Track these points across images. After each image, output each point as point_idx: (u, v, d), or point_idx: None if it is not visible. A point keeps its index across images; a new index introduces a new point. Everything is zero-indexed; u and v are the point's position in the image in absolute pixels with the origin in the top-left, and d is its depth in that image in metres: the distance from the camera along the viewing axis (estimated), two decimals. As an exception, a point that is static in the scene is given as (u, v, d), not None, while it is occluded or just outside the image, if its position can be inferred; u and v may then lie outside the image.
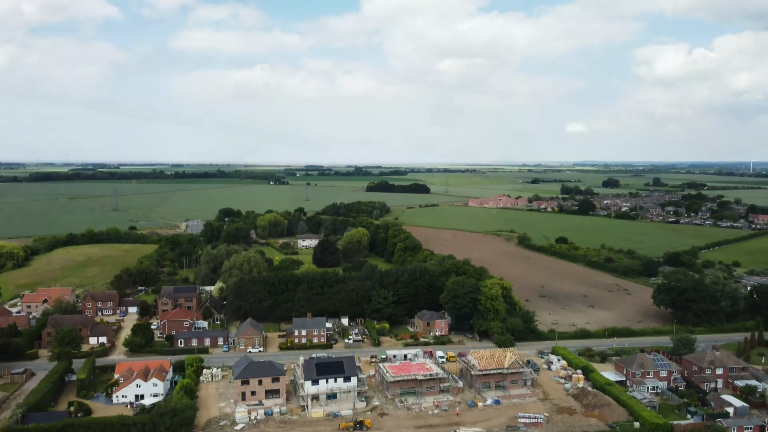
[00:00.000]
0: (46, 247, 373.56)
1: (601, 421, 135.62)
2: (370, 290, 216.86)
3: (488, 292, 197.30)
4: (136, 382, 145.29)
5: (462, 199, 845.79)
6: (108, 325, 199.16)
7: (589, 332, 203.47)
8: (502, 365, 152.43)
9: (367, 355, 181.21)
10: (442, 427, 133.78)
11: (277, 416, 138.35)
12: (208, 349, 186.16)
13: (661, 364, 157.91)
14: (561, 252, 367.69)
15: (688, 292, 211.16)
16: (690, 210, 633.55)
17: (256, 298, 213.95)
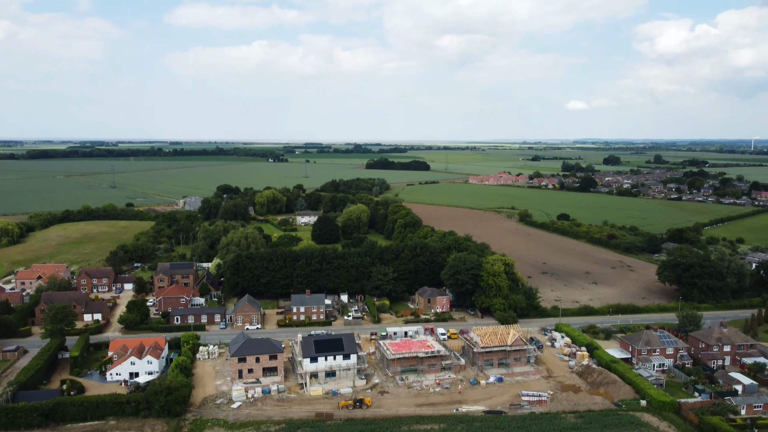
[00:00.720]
0: (42, 223, 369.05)
1: (606, 399, 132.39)
2: (370, 266, 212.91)
3: (490, 268, 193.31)
4: (131, 360, 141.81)
5: (462, 176, 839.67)
6: (103, 302, 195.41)
7: (592, 309, 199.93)
8: (505, 342, 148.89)
9: (366, 332, 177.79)
10: (443, 406, 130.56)
11: (275, 394, 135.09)
12: (204, 327, 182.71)
13: (668, 341, 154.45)
14: (563, 229, 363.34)
15: (694, 268, 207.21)
16: (692, 187, 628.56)
17: (253, 275, 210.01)
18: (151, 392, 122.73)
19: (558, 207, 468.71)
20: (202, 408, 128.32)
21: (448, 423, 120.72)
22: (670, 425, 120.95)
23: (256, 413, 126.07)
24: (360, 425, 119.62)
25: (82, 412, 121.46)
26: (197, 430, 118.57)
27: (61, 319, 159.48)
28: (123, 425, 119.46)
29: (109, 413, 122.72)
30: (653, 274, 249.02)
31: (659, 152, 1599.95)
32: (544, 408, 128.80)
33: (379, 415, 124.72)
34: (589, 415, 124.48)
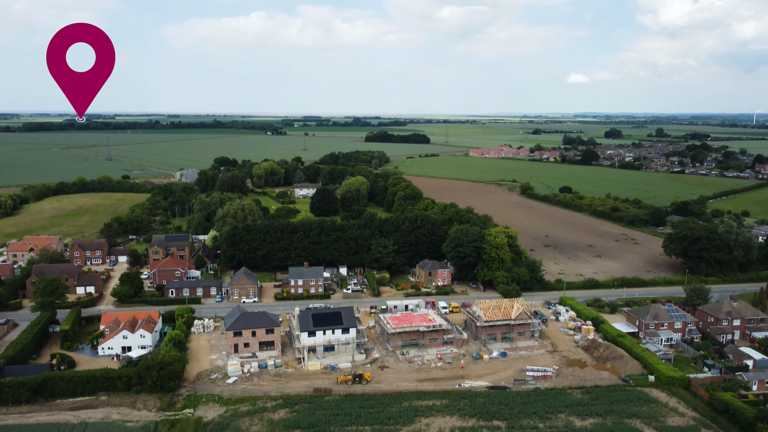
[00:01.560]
0: (36, 195, 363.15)
1: (613, 374, 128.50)
2: (370, 239, 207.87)
3: (493, 240, 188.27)
4: (123, 334, 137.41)
5: (462, 149, 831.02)
6: (96, 275, 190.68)
7: (597, 282, 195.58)
8: (508, 316, 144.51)
9: (366, 305, 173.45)
10: (445, 381, 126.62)
11: (272, 369, 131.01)
12: (200, 300, 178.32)
13: (676, 315, 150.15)
14: (565, 201, 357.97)
15: (701, 241, 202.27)
16: (695, 160, 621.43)
17: (250, 247, 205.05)
18: (143, 367, 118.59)
19: (560, 180, 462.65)
20: (197, 383, 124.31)
21: (451, 399, 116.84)
22: (680, 401, 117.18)
23: (252, 388, 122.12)
24: (359, 401, 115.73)
25: (71, 387, 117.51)
26: (191, 405, 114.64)
27: (51, 291, 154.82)
28: (114, 401, 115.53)
29: (100, 388, 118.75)
30: (658, 247, 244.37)
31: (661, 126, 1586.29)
32: (549, 383, 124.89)
33: (379, 391, 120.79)
34: (595, 391, 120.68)
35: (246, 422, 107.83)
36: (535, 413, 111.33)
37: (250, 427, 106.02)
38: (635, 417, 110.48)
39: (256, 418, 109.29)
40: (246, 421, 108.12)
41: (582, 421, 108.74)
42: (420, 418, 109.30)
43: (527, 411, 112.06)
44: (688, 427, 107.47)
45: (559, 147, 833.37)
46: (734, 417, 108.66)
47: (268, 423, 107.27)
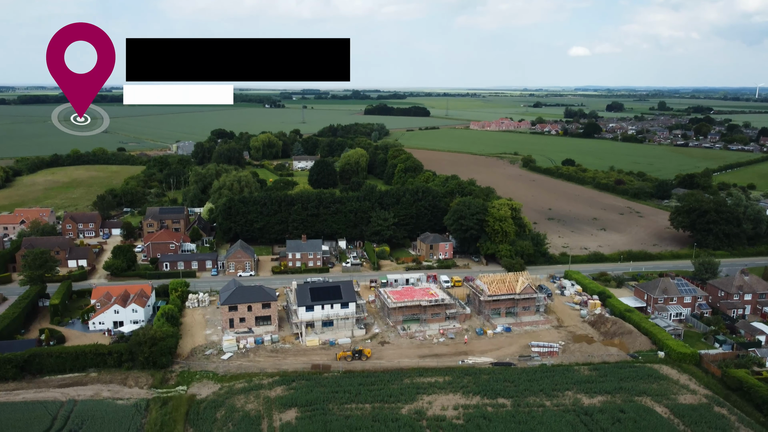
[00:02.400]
0: (29, 168, 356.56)
1: (621, 350, 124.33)
2: (369, 211, 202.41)
3: (496, 213, 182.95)
4: (114, 308, 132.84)
5: (463, 122, 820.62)
6: (88, 248, 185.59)
7: (603, 256, 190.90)
8: (513, 290, 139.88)
9: (366, 279, 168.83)
10: (448, 357, 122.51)
11: (269, 345, 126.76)
12: (195, 273, 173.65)
13: (686, 289, 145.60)
14: (568, 174, 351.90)
15: (709, 213, 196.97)
16: (698, 133, 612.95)
17: (247, 220, 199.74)
18: (135, 343, 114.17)
19: (562, 153, 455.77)
20: (191, 359, 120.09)
21: (454, 375, 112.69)
22: (691, 378, 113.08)
23: (248, 365, 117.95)
24: (359, 378, 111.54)
25: (60, 363, 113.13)
26: (184, 382, 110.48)
27: (40, 265, 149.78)
28: (104, 377, 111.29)
29: (90, 365, 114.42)
30: (663, 220, 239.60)
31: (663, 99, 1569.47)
32: (556, 360, 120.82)
33: (380, 367, 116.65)
34: (604, 368, 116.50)
35: (241, 400, 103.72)
36: (541, 391, 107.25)
37: (246, 405, 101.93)
38: (645, 395, 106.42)
39: (251, 395, 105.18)
40: (241, 399, 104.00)
41: (590, 399, 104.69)
42: (422, 395, 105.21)
43: (533, 388, 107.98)
44: (700, 405, 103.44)
45: (561, 120, 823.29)
46: (748, 395, 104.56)
47: (265, 401, 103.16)
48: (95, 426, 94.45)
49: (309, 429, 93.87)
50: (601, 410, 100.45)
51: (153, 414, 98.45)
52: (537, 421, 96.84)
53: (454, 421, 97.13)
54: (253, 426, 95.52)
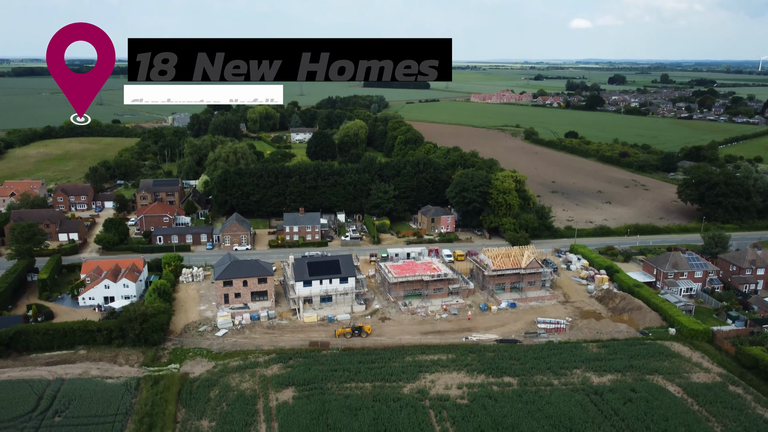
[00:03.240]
0: (22, 140, 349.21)
1: (631, 326, 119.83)
2: (369, 184, 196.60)
3: (500, 185, 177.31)
4: (104, 283, 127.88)
5: (463, 94, 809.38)
6: (79, 221, 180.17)
7: (609, 229, 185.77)
8: (518, 265, 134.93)
9: (365, 253, 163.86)
10: (451, 333, 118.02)
11: (265, 321, 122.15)
12: (189, 247, 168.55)
13: (697, 263, 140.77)
14: (571, 147, 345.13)
15: (719, 186, 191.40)
16: (702, 106, 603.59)
17: (243, 192, 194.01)
18: (125, 319, 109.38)
19: (564, 125, 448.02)
20: (184, 336, 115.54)
21: (457, 353, 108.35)
22: (704, 356, 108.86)
23: (243, 342, 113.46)
24: (359, 355, 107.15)
25: (47, 340, 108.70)
26: (177, 360, 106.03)
27: (28, 238, 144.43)
28: (94, 355, 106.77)
29: (79, 342, 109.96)
30: (670, 193, 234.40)
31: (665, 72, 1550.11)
32: (563, 336, 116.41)
33: (380, 344, 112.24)
34: (613, 345, 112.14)
35: (236, 378, 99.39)
36: (548, 369, 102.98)
37: (241, 384, 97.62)
38: (657, 373, 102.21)
39: (247, 373, 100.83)
40: (236, 378, 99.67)
41: (600, 378, 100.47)
42: (424, 374, 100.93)
43: (540, 366, 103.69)
44: (714, 384, 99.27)
45: (563, 93, 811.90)
46: (764, 373, 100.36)
47: (260, 379, 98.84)
48: (83, 406, 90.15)
49: (306, 409, 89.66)
50: (612, 389, 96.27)
51: (143, 393, 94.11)
52: (545, 401, 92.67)
53: (458, 401, 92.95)
54: (248, 406, 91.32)
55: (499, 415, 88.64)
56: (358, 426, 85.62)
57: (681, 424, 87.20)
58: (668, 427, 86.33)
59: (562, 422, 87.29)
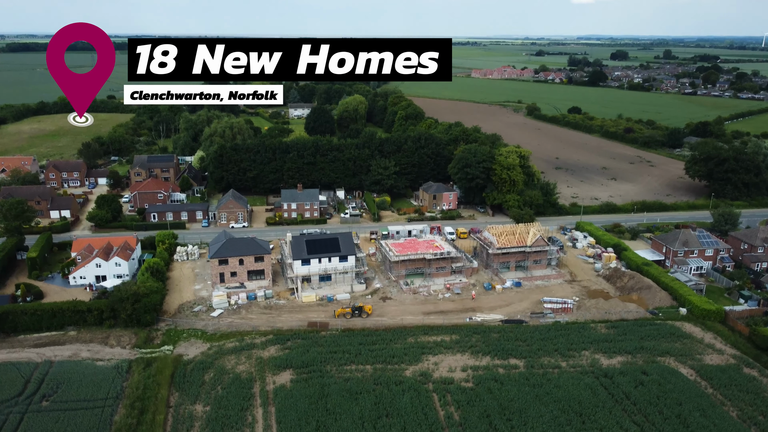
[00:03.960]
0: (15, 115, 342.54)
1: (640, 306, 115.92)
2: (369, 159, 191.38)
3: (504, 161, 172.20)
4: (96, 262, 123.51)
5: (464, 70, 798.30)
6: (71, 198, 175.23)
7: (615, 206, 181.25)
8: (524, 243, 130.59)
9: (365, 231, 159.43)
10: (454, 314, 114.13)
11: (262, 301, 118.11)
12: (185, 224, 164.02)
13: (708, 241, 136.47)
14: (575, 122, 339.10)
15: (728, 162, 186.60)
16: (707, 81, 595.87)
17: (239, 168, 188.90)
18: (117, 299, 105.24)
19: (567, 101, 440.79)
20: (178, 316, 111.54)
21: (461, 334, 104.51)
22: (716, 337, 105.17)
23: (239, 322, 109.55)
24: (359, 336, 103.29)
25: (36, 321, 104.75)
26: (170, 341, 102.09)
27: (17, 215, 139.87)
28: (84, 336, 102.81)
29: (69, 322, 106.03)
30: (676, 169, 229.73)
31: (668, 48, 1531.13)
32: (570, 317, 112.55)
33: (381, 325, 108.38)
34: (622, 325, 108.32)
35: (232, 361, 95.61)
36: (556, 350, 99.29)
37: (237, 366, 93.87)
38: (668, 354, 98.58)
39: (243, 355, 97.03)
40: (232, 360, 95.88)
41: (609, 360, 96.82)
42: (427, 355, 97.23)
43: (547, 348, 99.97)
44: (728, 366, 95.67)
45: (565, 68, 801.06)
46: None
47: (257, 361, 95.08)
48: (71, 390, 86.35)
49: (305, 393, 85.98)
50: (622, 372, 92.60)
51: (135, 376, 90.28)
52: (553, 384, 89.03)
53: (463, 384, 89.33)
54: (244, 389, 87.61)
55: (506, 399, 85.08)
56: (359, 411, 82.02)
57: (695, 408, 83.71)
58: (682, 412, 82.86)
59: (572, 406, 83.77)
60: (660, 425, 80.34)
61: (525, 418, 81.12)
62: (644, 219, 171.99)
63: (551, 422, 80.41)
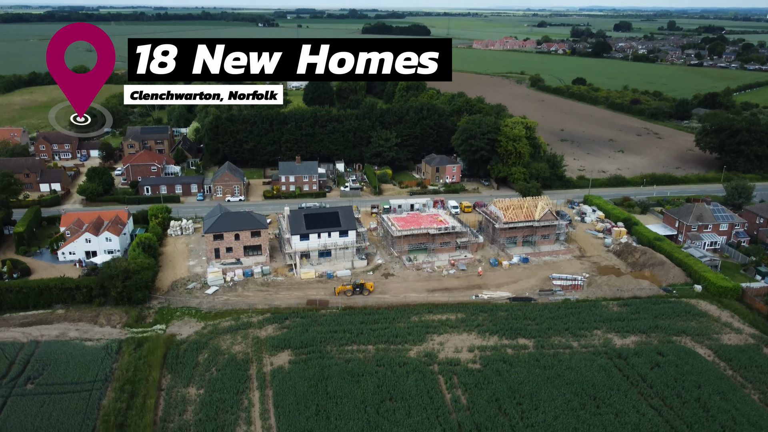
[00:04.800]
0: (6, 86, 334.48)
1: (653, 283, 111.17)
2: (370, 131, 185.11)
3: (510, 132, 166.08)
4: (85, 237, 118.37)
5: (465, 41, 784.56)
6: (62, 170, 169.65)
7: (624, 179, 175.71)
8: (531, 217, 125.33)
9: (366, 205, 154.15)
10: (460, 291, 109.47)
11: (259, 277, 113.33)
12: (179, 198, 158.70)
13: (723, 215, 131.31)
14: (580, 94, 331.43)
15: (741, 133, 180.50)
16: (712, 53, 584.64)
17: (236, 140, 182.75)
18: (107, 276, 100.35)
19: (571, 72, 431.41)
20: (171, 294, 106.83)
21: (467, 312, 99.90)
22: (734, 315, 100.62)
23: (235, 300, 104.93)
24: (360, 315, 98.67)
25: (22, 299, 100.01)
26: (163, 320, 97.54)
27: (3, 188, 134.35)
28: (73, 315, 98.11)
29: (56, 300, 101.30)
30: (685, 141, 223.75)
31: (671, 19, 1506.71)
32: (580, 294, 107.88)
33: (384, 303, 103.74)
34: (635, 303, 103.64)
35: (227, 340, 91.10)
36: (567, 330, 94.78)
37: (232, 347, 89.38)
38: (684, 334, 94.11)
39: (239, 335, 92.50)
40: (227, 339, 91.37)
41: (623, 340, 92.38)
42: (432, 335, 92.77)
43: (558, 327, 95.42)
44: (747, 346, 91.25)
45: (568, 39, 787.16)
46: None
47: (254, 341, 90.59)
48: (58, 372, 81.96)
49: (304, 375, 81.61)
50: (637, 353, 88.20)
51: (125, 357, 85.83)
52: (565, 366, 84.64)
53: (470, 366, 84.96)
54: (240, 371, 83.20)
55: (515, 382, 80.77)
56: (361, 394, 77.71)
57: (715, 391, 79.48)
58: (701, 395, 78.62)
59: (585, 389, 79.48)
60: (678, 409, 76.18)
61: (536, 401, 76.92)
62: (654, 192, 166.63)
63: (564, 406, 76.20)
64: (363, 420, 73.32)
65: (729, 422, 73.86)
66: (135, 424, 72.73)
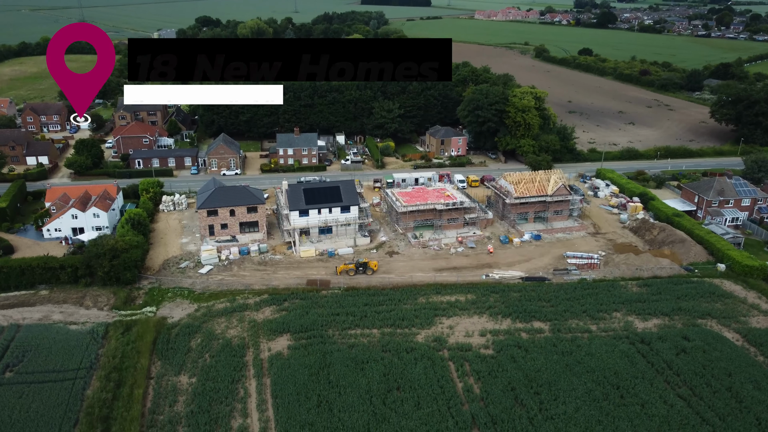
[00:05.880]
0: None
1: (674, 261, 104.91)
2: (371, 102, 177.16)
3: (518, 102, 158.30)
4: (71, 212, 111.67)
5: (467, 11, 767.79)
6: (49, 143, 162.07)
7: (637, 152, 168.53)
8: (544, 192, 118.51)
9: (368, 179, 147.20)
10: (469, 270, 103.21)
11: (256, 256, 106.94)
12: (172, 172, 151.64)
13: (745, 190, 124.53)
14: (586, 65, 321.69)
15: (759, 104, 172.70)
16: (720, 23, 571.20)
17: (231, 111, 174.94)
18: (93, 255, 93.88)
19: (576, 43, 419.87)
20: (162, 273, 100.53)
21: (478, 293, 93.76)
22: (761, 296, 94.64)
23: (230, 280, 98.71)
24: (364, 296, 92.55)
25: (3, 279, 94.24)
26: (154, 302, 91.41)
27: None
28: (57, 296, 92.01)
29: (40, 281, 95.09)
30: (697, 113, 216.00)
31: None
32: (597, 273, 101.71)
33: (389, 283, 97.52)
34: (655, 283, 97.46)
35: (222, 324, 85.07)
36: (584, 312, 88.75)
37: (227, 331, 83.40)
38: (710, 316, 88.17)
39: (234, 318, 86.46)
40: (222, 323, 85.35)
41: (644, 323, 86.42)
42: (440, 318, 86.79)
43: (574, 309, 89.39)
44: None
45: (572, 10, 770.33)
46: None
47: (250, 325, 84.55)
48: (39, 359, 76.05)
49: (304, 362, 75.71)
50: (660, 337, 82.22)
51: (112, 343, 79.82)
52: (584, 352, 78.73)
53: (482, 351, 79.09)
54: (236, 358, 77.30)
55: (532, 369, 74.94)
56: (366, 383, 71.90)
57: (747, 379, 73.72)
58: (732, 384, 72.85)
59: (607, 377, 73.65)
60: (709, 399, 70.45)
61: (555, 391, 71.16)
62: (668, 166, 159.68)
63: (585, 396, 70.45)
64: (368, 412, 67.61)
65: (764, 413, 68.32)
66: (121, 417, 66.96)
